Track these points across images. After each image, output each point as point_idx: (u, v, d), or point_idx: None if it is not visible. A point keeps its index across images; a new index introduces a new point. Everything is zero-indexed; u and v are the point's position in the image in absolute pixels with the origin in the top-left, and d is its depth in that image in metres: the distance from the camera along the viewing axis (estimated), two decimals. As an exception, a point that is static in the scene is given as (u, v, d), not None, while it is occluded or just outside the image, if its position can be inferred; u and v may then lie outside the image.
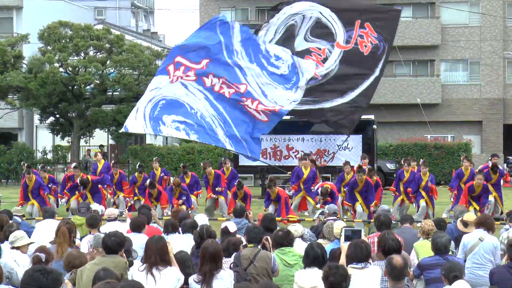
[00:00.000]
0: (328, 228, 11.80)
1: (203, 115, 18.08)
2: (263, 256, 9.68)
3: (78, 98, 39.14)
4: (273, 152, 27.69)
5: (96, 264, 9.12)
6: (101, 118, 38.82)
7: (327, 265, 8.28)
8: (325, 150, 27.59)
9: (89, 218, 12.68)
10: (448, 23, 46.97)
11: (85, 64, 38.10)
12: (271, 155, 27.40)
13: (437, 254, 10.04)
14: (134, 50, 38.63)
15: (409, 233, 12.35)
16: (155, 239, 8.94)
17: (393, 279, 7.86)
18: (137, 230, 11.91)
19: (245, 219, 13.94)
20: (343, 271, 7.77)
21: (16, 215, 15.15)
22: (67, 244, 10.72)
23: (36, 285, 5.93)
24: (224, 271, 8.74)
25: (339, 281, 7.66)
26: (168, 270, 8.65)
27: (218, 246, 8.95)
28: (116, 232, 9.59)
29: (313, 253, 9.07)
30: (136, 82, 38.53)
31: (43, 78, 36.92)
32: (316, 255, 9.03)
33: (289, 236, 10.43)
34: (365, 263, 8.77)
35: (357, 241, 9.05)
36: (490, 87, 46.42)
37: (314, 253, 9.06)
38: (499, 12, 46.38)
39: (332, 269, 7.83)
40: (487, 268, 10.52)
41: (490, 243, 11.22)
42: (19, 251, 10.62)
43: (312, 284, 8.68)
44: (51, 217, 14.29)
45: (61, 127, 40.71)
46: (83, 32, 38.97)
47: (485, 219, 11.94)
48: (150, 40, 53.39)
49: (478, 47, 46.67)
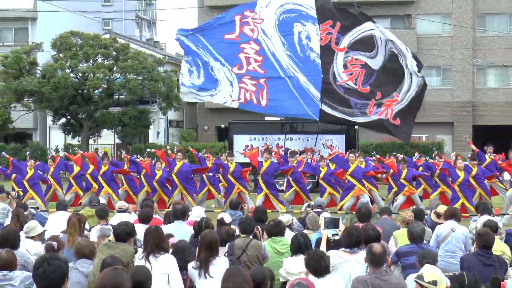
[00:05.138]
0: (310, 220, 11.86)
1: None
2: (254, 245, 9.71)
3: (87, 101, 39.13)
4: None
5: (107, 246, 9.17)
6: (108, 119, 38.85)
7: (306, 252, 8.32)
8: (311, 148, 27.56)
9: (98, 210, 12.70)
10: (423, 33, 47.08)
11: (93, 70, 38.12)
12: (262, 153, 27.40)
13: (412, 243, 10.06)
14: (138, 58, 38.65)
15: (387, 223, 12.38)
16: (152, 229, 8.95)
17: (373, 265, 7.88)
18: (145, 222, 11.93)
19: (240, 211, 13.96)
20: (319, 252, 7.88)
21: (31, 207, 15.15)
22: (77, 234, 10.72)
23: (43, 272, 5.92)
24: (220, 258, 8.75)
25: (318, 261, 7.75)
26: (164, 257, 8.64)
27: (215, 236, 8.95)
28: (127, 222, 9.63)
29: (297, 242, 9.19)
30: (140, 87, 38.58)
31: (55, 83, 36.93)
32: (300, 244, 9.12)
33: (279, 226, 10.46)
34: (355, 249, 8.80)
35: (350, 228, 9.09)
36: (461, 91, 46.52)
37: (298, 242, 9.18)
38: (469, 24, 46.49)
39: (310, 254, 7.95)
40: (458, 256, 10.54)
41: (460, 233, 11.27)
42: (32, 240, 10.65)
43: (299, 270, 8.72)
44: (64, 209, 14.32)
45: (72, 127, 40.69)
46: (92, 41, 38.96)
47: (455, 211, 12.01)
48: (152, 49, 53.32)
49: (450, 55, 46.78)
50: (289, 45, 20.18)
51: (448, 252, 11.09)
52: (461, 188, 20.10)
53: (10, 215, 13.86)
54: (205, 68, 20.58)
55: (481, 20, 47.22)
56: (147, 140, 46.06)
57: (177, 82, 35.63)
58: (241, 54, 20.41)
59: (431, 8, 47.28)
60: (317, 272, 7.73)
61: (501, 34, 46.65)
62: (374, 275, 7.80)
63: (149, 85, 38.61)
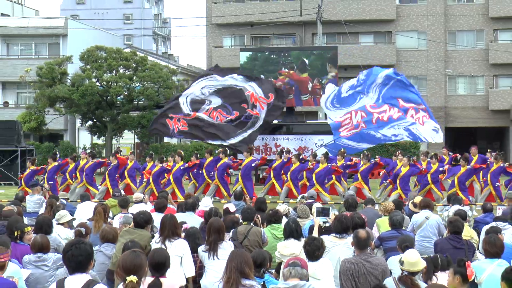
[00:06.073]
0: (300, 211, 11.88)
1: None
2: (255, 231, 9.73)
3: (111, 106, 39.11)
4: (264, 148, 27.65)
5: (127, 232, 9.17)
6: (129, 122, 38.84)
7: (307, 237, 8.33)
8: (305, 147, 27.54)
9: (121, 200, 12.71)
10: (402, 47, 47.07)
11: (116, 79, 38.13)
12: (262, 151, 27.35)
13: (393, 229, 10.06)
14: (155, 68, 38.68)
15: (371, 212, 12.39)
16: (168, 217, 8.94)
17: (358, 248, 7.87)
18: (160, 210, 11.93)
19: (243, 202, 13.97)
20: (317, 243, 7.83)
21: (62, 198, 15.19)
22: (102, 221, 10.73)
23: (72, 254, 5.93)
24: (226, 243, 8.75)
25: (313, 250, 7.76)
26: (178, 241, 8.64)
27: (221, 222, 8.96)
28: (145, 211, 9.66)
29: (289, 228, 9.21)
30: (157, 94, 38.61)
31: (83, 90, 36.93)
32: (291, 229, 9.15)
33: (277, 214, 10.51)
34: (344, 234, 8.79)
35: (340, 216, 9.08)
36: (435, 97, 46.48)
37: (290, 227, 9.21)
38: (442, 39, 46.49)
39: (310, 240, 7.93)
40: (432, 240, 10.53)
41: (434, 221, 11.27)
42: (62, 226, 10.66)
43: (291, 252, 8.74)
44: (88, 200, 14.34)
45: (97, 129, 40.67)
46: (114, 54, 38.96)
47: (428, 202, 12.04)
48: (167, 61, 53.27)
49: (425, 66, 46.77)
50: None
51: (424, 237, 11.07)
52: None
53: (44, 205, 13.88)
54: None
55: (452, 36, 47.24)
56: (162, 140, 46.05)
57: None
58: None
59: (409, 25, 47.29)
60: (312, 257, 7.74)
61: (469, 48, 46.70)
62: (359, 257, 7.79)
63: (164, 92, 38.64)
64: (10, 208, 11.30)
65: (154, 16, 78.28)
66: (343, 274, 7.67)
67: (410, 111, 21.03)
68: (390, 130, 20.97)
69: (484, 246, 7.90)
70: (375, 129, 21.03)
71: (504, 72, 46.55)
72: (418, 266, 7.15)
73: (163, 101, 40.68)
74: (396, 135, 21.07)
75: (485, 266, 7.58)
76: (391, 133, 21.07)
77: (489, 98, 46.05)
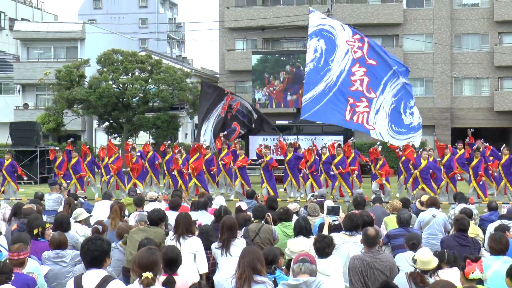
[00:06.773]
0: (310, 209, 11.86)
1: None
2: (266, 229, 9.71)
3: (127, 108, 39.18)
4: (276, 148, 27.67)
5: (141, 230, 9.18)
6: (144, 123, 38.89)
7: (318, 235, 8.32)
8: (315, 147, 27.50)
9: (136, 199, 12.73)
10: (409, 50, 46.92)
11: (132, 82, 38.17)
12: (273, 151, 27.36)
13: (400, 227, 10.03)
14: (169, 71, 38.69)
15: (379, 210, 12.36)
16: (182, 215, 8.94)
17: (367, 246, 7.85)
18: (175, 209, 11.94)
19: (255, 200, 13.96)
20: (328, 240, 7.80)
21: (80, 196, 15.25)
22: (118, 219, 10.77)
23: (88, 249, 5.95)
24: (239, 240, 8.74)
25: (323, 247, 7.71)
26: (192, 239, 8.64)
27: (234, 220, 8.96)
28: (159, 209, 9.67)
29: (298, 225, 9.19)
30: (171, 95, 38.62)
31: (100, 92, 37.01)
32: (300, 226, 9.13)
33: (287, 213, 10.50)
34: (354, 232, 8.76)
35: (350, 214, 9.06)
36: (441, 99, 46.34)
37: (299, 225, 9.19)
38: (448, 42, 46.32)
39: (320, 238, 7.89)
40: (439, 238, 10.48)
41: (440, 219, 11.21)
42: (80, 224, 10.70)
43: (300, 248, 8.72)
44: (108, 199, 14.36)
45: (114, 129, 40.75)
46: (130, 58, 39.00)
47: (435, 200, 12.01)
48: (181, 63, 53.34)
49: (431, 68, 46.59)
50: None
51: (430, 235, 11.02)
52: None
53: (62, 203, 13.94)
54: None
55: (458, 39, 47.04)
56: (177, 140, 46.12)
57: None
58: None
59: (416, 29, 47.14)
60: (322, 254, 7.71)
61: (474, 51, 46.49)
62: (368, 254, 7.77)
63: (178, 94, 38.65)
64: (30, 207, 11.35)
65: (168, 20, 78.34)
66: (352, 270, 7.65)
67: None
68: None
69: (490, 243, 7.87)
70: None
71: (508, 74, 46.37)
72: (430, 264, 7.14)
73: (177, 103, 40.78)
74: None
75: (490, 263, 7.55)
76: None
77: (494, 99, 45.86)
